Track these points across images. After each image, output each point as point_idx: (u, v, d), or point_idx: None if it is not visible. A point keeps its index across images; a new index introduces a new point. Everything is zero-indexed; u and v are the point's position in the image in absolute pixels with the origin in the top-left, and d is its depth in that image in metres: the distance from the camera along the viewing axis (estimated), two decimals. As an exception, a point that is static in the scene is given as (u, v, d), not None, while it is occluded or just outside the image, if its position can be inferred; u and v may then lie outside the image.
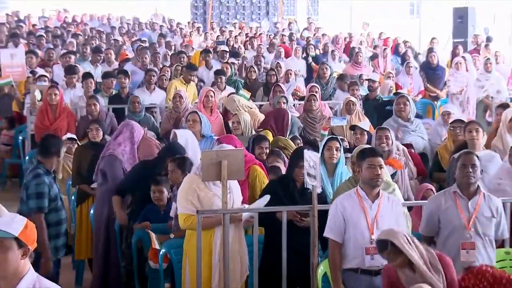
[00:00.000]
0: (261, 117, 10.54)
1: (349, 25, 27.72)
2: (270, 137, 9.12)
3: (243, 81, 14.18)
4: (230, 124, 9.96)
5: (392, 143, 8.24)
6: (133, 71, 14.02)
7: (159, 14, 29.11)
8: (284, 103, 10.87)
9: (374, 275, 6.01)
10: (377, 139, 8.18)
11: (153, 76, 12.81)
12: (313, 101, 11.18)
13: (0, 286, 4.15)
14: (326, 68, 14.10)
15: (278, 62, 15.16)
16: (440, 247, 6.20)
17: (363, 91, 12.83)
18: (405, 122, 9.83)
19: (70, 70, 12.92)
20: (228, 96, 11.23)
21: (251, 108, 10.79)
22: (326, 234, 6.15)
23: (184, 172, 7.07)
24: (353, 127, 9.28)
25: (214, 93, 10.72)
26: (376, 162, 6.11)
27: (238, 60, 16.38)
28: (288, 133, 9.97)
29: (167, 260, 6.93)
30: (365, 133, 8.93)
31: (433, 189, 7.84)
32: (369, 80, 12.84)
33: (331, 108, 12.27)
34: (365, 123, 9.45)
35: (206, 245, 6.45)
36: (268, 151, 8.39)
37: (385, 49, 17.31)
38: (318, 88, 11.95)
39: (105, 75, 12.72)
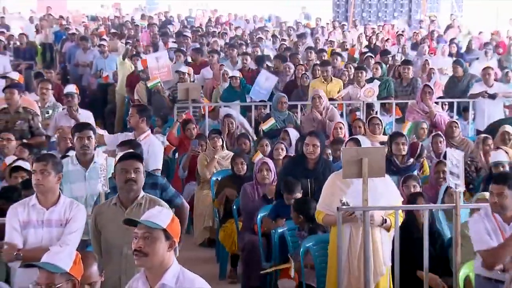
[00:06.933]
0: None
1: (495, 22, 26.85)
2: None
3: (393, 80, 13.83)
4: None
5: None
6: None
7: (304, 13, 29.44)
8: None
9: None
10: None
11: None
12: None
13: (147, 277, 4.34)
14: (455, 67, 13.82)
15: (426, 60, 14.91)
16: None
17: None
18: None
19: None
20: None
21: None
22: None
23: None
24: None
25: None
26: (495, 190, 5.90)
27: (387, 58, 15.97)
28: None
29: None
30: None
31: None
32: None
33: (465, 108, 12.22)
34: None
35: (333, 244, 6.49)
36: (405, 147, 8.37)
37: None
38: None
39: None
